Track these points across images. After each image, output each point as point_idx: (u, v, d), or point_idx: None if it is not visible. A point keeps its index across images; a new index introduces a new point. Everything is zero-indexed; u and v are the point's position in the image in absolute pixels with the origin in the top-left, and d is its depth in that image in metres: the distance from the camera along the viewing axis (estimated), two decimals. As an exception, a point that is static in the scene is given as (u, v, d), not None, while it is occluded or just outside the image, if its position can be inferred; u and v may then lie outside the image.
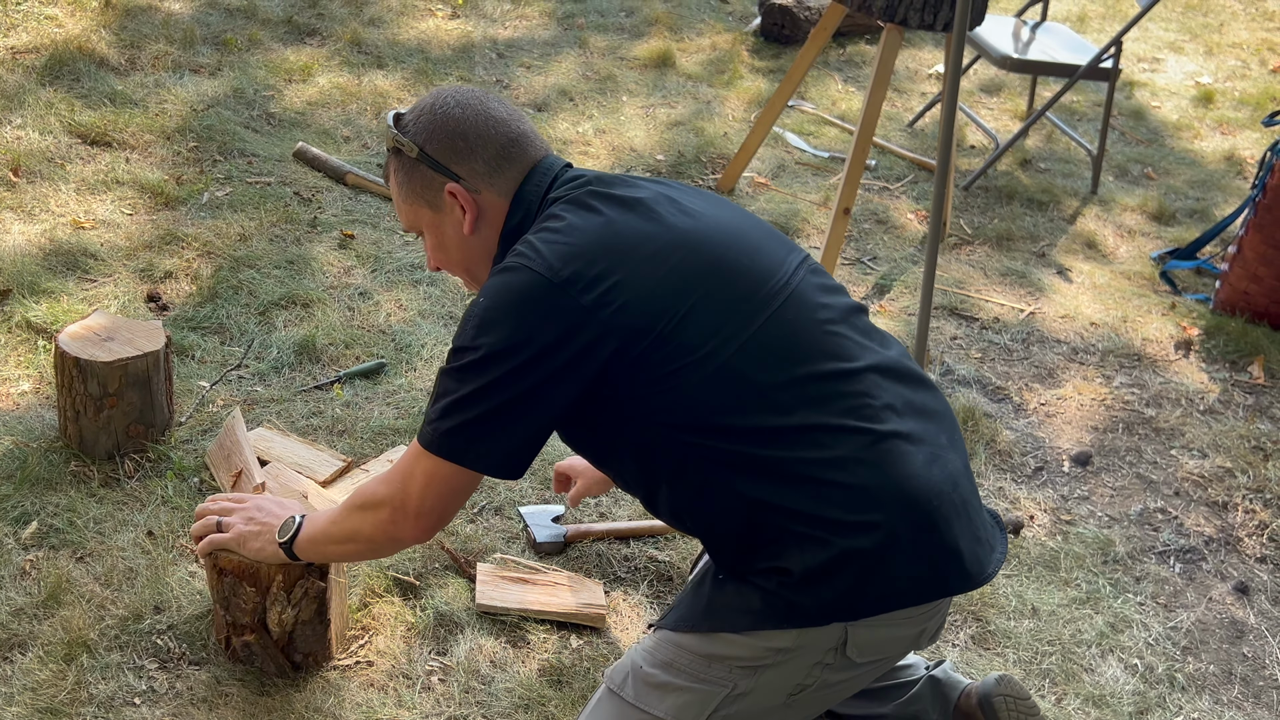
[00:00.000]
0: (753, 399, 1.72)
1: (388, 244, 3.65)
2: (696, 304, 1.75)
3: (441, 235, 1.91)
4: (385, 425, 2.87)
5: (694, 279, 1.76)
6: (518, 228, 1.86)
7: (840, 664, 1.79)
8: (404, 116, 1.90)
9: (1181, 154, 5.30)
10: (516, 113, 1.91)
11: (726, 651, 1.80)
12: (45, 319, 3.00)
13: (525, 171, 1.88)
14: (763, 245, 1.86)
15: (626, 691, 1.88)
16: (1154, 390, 3.53)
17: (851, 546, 1.71)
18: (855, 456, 1.72)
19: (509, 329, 1.70)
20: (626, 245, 1.76)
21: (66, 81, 4.17)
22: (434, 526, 1.82)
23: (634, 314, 1.72)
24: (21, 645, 2.16)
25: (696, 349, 1.72)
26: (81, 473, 2.57)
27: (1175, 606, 2.71)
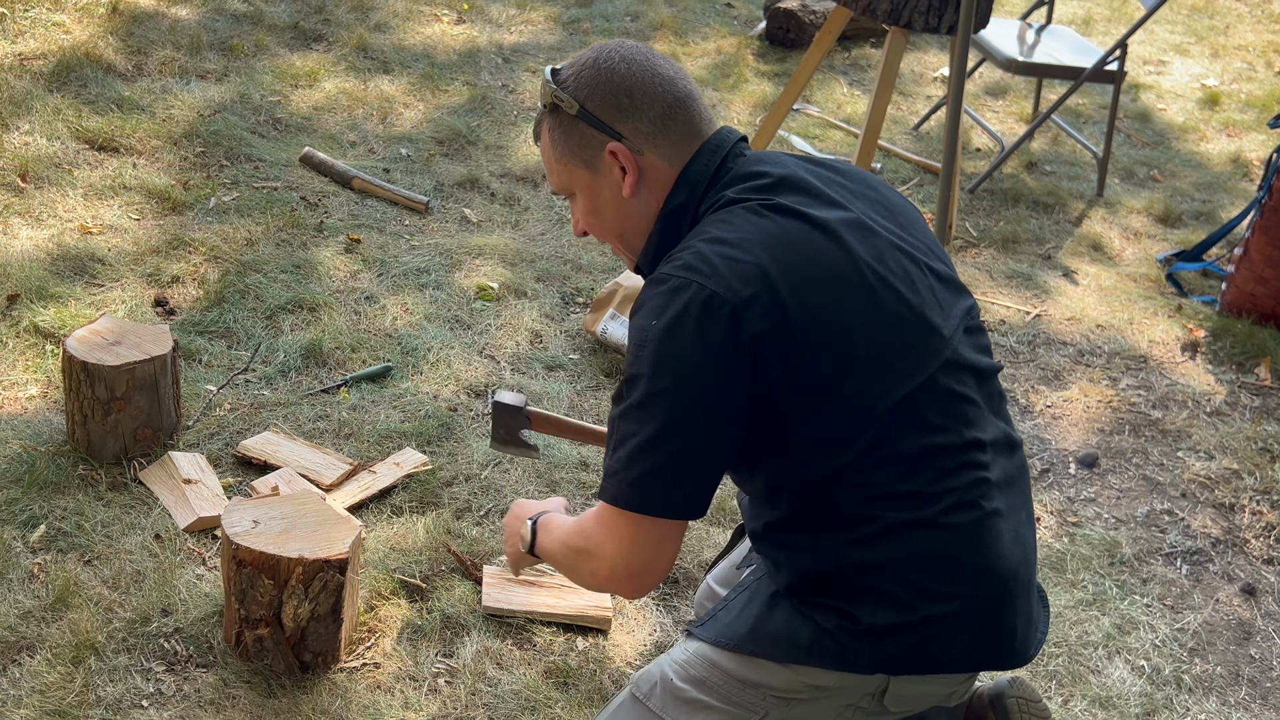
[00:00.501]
0: (890, 460, 1.66)
1: (393, 248, 3.66)
2: (867, 348, 1.65)
3: (597, 198, 1.78)
4: (392, 428, 2.88)
5: (869, 321, 1.66)
6: (680, 209, 1.75)
7: (873, 709, 1.77)
8: (562, 71, 1.77)
9: (1187, 156, 5.29)
10: (683, 72, 1.78)
11: (763, 679, 1.76)
12: (53, 324, 3.01)
13: (693, 141, 1.75)
14: (938, 291, 1.75)
15: (653, 702, 1.85)
16: (1160, 392, 3.52)
17: (926, 615, 1.69)
18: (961, 532, 1.70)
19: (691, 354, 1.59)
20: (809, 271, 1.64)
21: (74, 87, 4.19)
22: (651, 582, 1.70)
23: (809, 348, 1.62)
24: (30, 648, 2.17)
25: (855, 396, 1.64)
26: (89, 476, 2.58)
27: (1182, 608, 2.71)
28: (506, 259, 3.69)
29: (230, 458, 2.72)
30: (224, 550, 2.15)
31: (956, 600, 1.70)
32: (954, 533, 1.70)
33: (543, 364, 3.24)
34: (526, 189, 4.21)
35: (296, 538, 2.15)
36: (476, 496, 2.71)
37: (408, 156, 4.27)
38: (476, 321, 3.38)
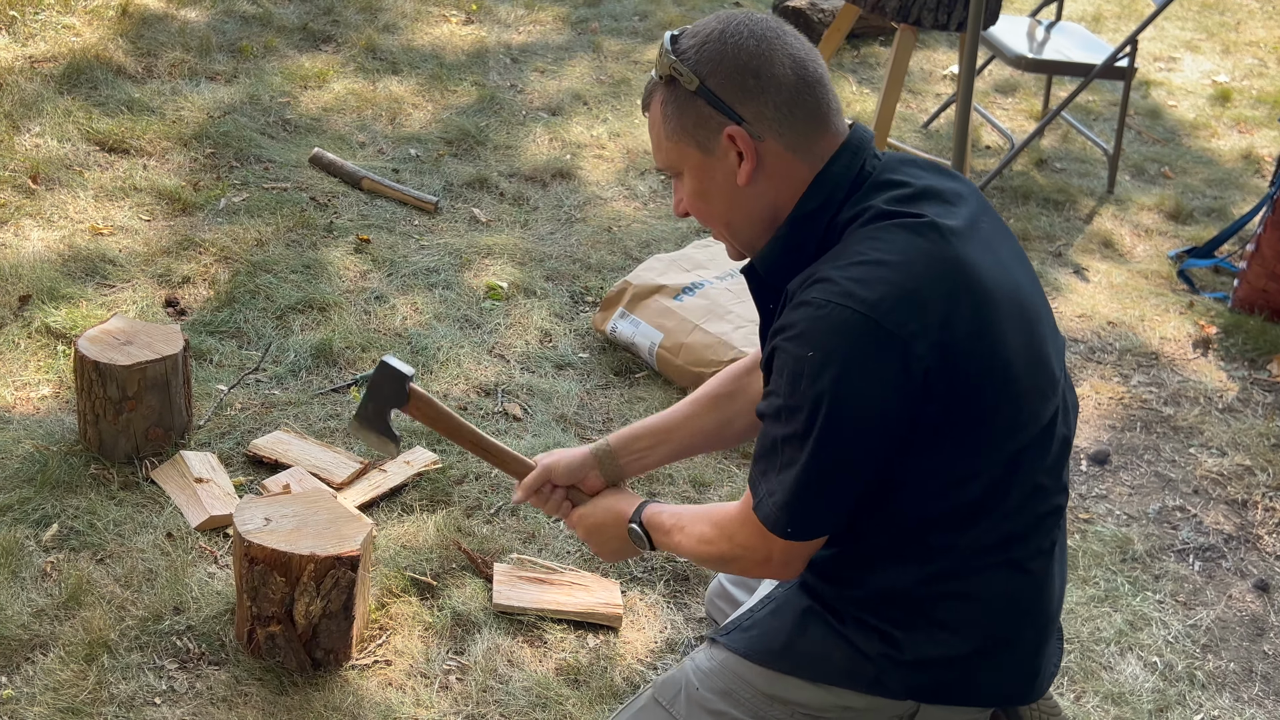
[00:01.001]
0: (1002, 500, 1.62)
1: (403, 248, 3.67)
2: (1022, 379, 1.59)
3: (708, 182, 1.65)
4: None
5: (1020, 350, 1.59)
6: (816, 213, 1.63)
7: None
8: (682, 40, 1.62)
9: (1198, 153, 5.28)
10: (815, 52, 1.63)
11: (792, 696, 1.74)
12: (64, 324, 3.02)
13: (820, 132, 1.62)
14: (1050, 331, 1.70)
15: (677, 709, 1.81)
16: (1172, 389, 3.51)
17: (973, 651, 1.67)
18: (1035, 578, 1.68)
19: (854, 388, 1.51)
20: (971, 297, 1.55)
21: (84, 90, 4.20)
22: (803, 566, 1.69)
23: (973, 379, 1.55)
24: (43, 646, 2.18)
25: (1004, 430, 1.58)
26: (101, 476, 2.59)
27: (1195, 604, 2.70)
28: (516, 258, 3.70)
29: (241, 457, 2.72)
30: (236, 548, 2.16)
31: (1009, 641, 1.68)
32: (1030, 578, 1.67)
33: (552, 363, 3.25)
34: (535, 188, 4.22)
35: (308, 535, 2.16)
36: (487, 494, 2.71)
37: (417, 157, 4.28)
38: (486, 321, 3.38)
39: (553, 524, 2.66)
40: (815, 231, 1.63)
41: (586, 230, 3.96)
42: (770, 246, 1.65)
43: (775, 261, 1.66)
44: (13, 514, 2.45)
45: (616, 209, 4.14)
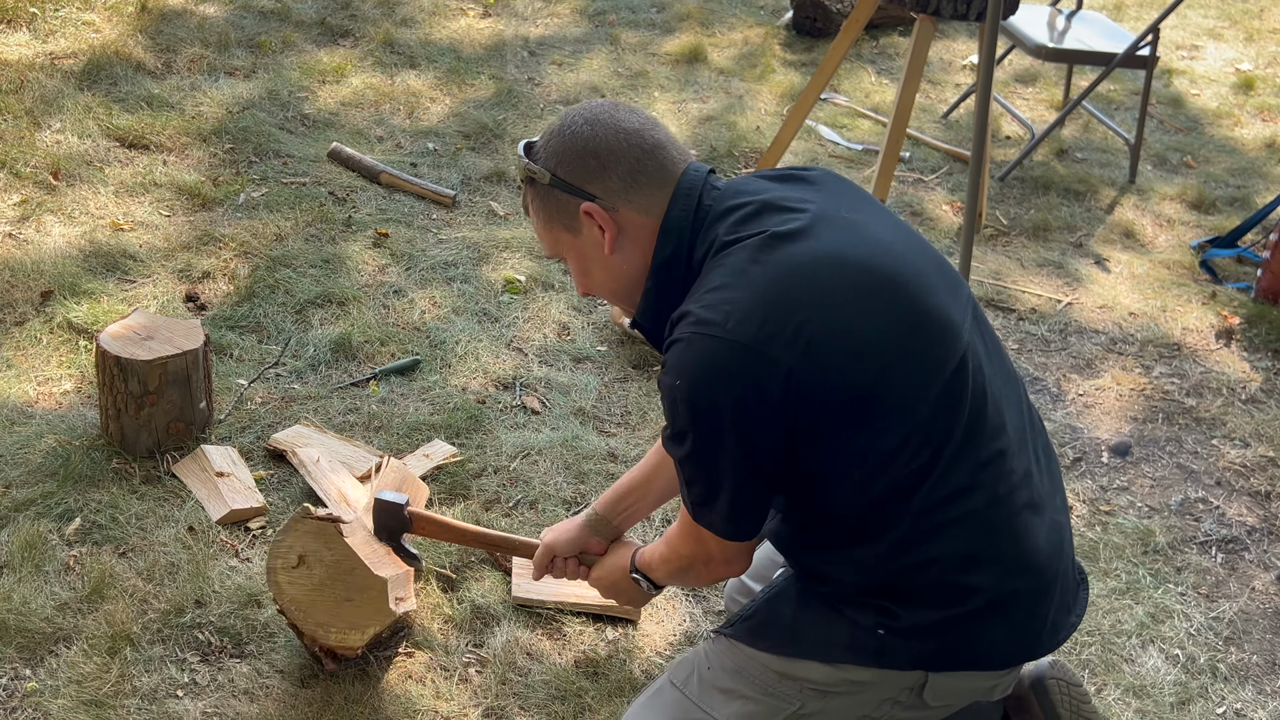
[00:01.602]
0: (934, 459, 1.66)
1: (421, 242, 3.68)
2: (897, 350, 1.66)
3: (584, 259, 1.81)
4: (421, 421, 2.89)
5: (892, 321, 1.66)
6: (671, 261, 1.76)
7: (912, 703, 1.77)
8: (535, 145, 1.81)
9: (1221, 142, 5.23)
10: (650, 121, 1.79)
11: (801, 673, 1.78)
12: (86, 319, 3.04)
13: (667, 189, 1.76)
14: (936, 278, 1.76)
15: (690, 689, 1.86)
16: (1194, 380, 3.49)
17: (964, 612, 1.70)
18: (994, 528, 1.70)
19: (719, 407, 1.62)
20: (817, 290, 1.65)
21: (104, 86, 4.22)
22: (748, 559, 1.82)
23: (840, 368, 1.63)
24: (66, 639, 2.20)
25: (898, 401, 1.64)
26: (123, 470, 2.60)
27: (1217, 597, 2.68)
28: (533, 252, 3.70)
29: (262, 450, 2.74)
30: (271, 582, 2.17)
31: (991, 601, 1.70)
32: (991, 530, 1.70)
33: (570, 356, 3.25)
34: (553, 182, 4.21)
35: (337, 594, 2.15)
36: (505, 488, 2.72)
37: (434, 151, 4.28)
38: (504, 314, 3.39)
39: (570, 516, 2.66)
40: (677, 276, 1.76)
41: (604, 223, 3.96)
42: (644, 301, 1.80)
43: (651, 312, 1.80)
44: (36, 508, 2.47)
45: (634, 202, 4.13)
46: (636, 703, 1.96)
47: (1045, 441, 1.86)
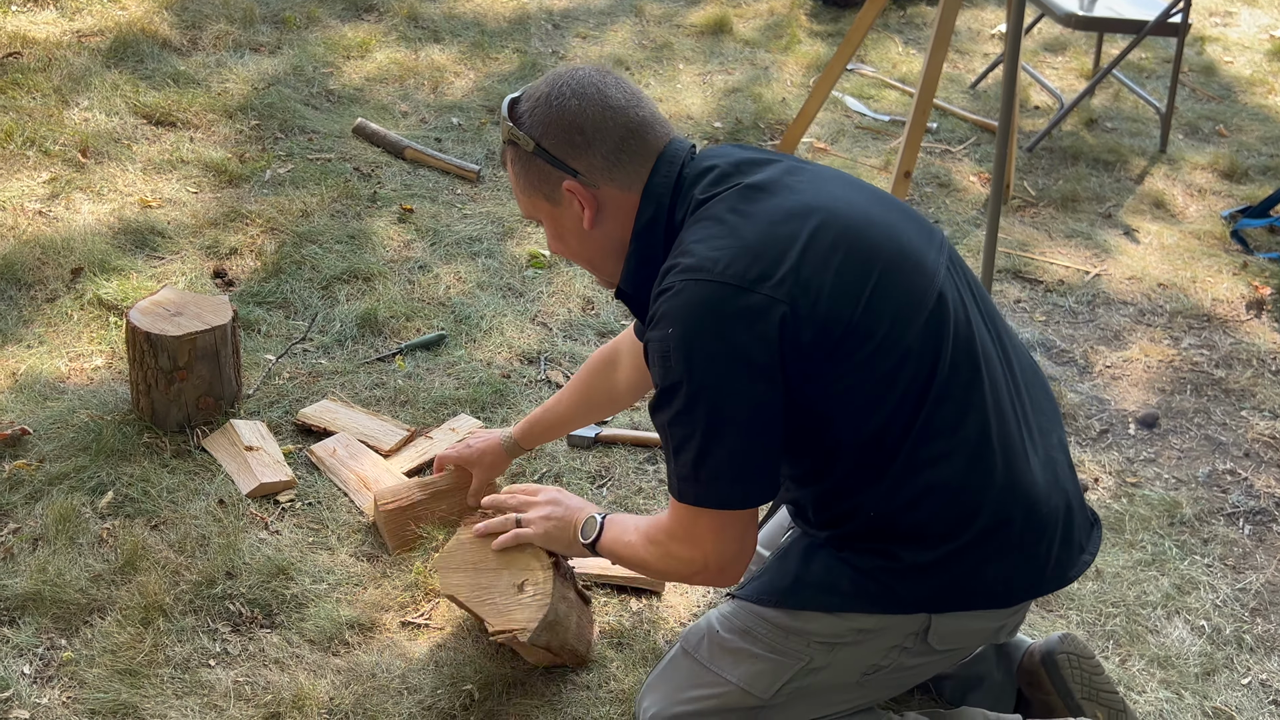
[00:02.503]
0: (923, 392, 1.69)
1: (446, 217, 3.69)
2: (885, 284, 1.68)
3: (560, 228, 1.83)
4: (447, 395, 2.91)
5: (869, 264, 1.69)
6: (651, 223, 1.77)
7: (919, 649, 1.80)
8: (519, 105, 1.80)
9: (1254, 110, 5.16)
10: (635, 95, 1.79)
11: (807, 627, 1.80)
12: (116, 296, 3.08)
13: (650, 161, 1.77)
14: (907, 227, 1.79)
15: (701, 653, 1.90)
16: (1224, 351, 3.46)
17: (960, 546, 1.72)
18: (985, 459, 1.73)
19: (717, 348, 1.62)
20: (798, 235, 1.67)
21: (131, 63, 4.25)
22: (741, 569, 1.78)
23: (827, 302, 1.64)
24: (100, 610, 2.23)
25: (887, 335, 1.66)
26: (154, 444, 2.64)
27: (1244, 568, 2.67)
28: (559, 226, 3.70)
29: (290, 425, 2.77)
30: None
31: (987, 536, 1.72)
32: (983, 461, 1.73)
33: (595, 330, 3.26)
34: (578, 155, 4.21)
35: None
36: (530, 461, 2.74)
37: (459, 125, 4.29)
38: (529, 289, 3.40)
39: (595, 490, 2.68)
40: (657, 239, 1.77)
41: (629, 197, 3.96)
42: (626, 265, 1.80)
43: (633, 276, 1.81)
44: (69, 482, 2.51)
45: (659, 175, 4.13)
46: (653, 673, 1.99)
47: (1041, 381, 1.90)
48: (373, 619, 2.28)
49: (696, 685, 1.91)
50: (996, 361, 1.78)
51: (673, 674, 1.94)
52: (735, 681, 1.86)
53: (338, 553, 2.42)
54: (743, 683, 1.85)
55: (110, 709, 2.04)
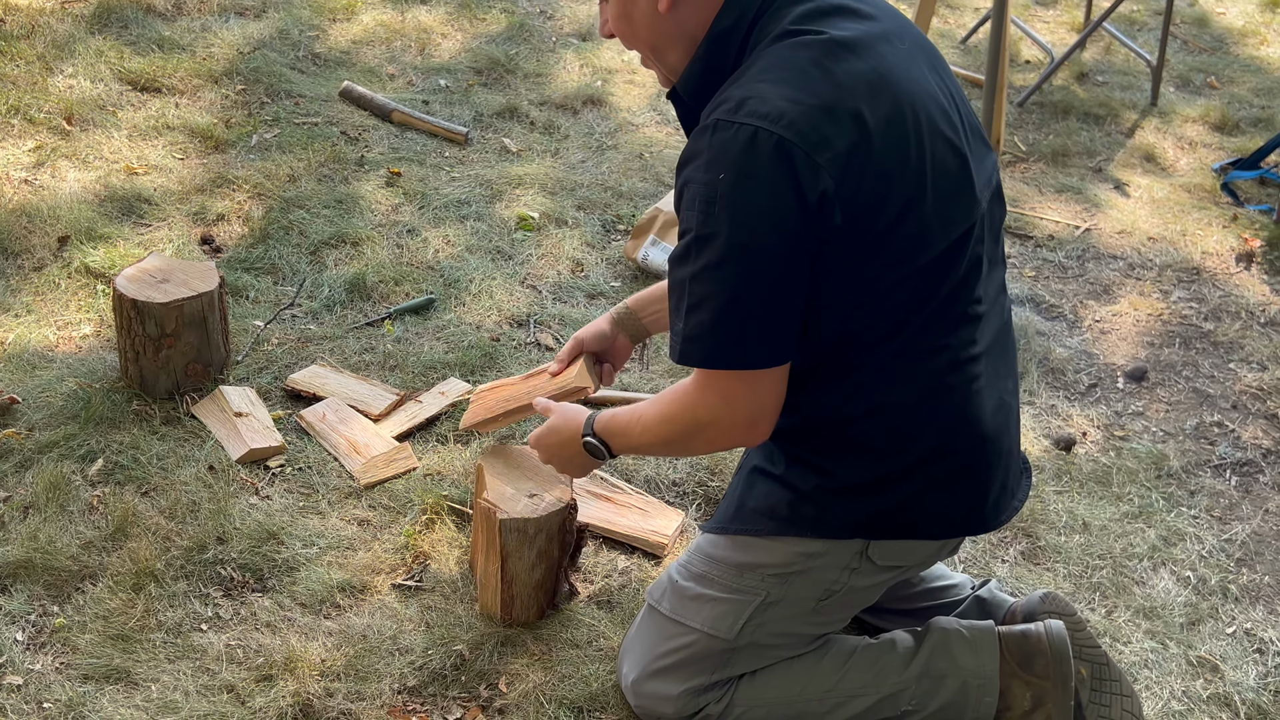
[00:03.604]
0: (915, 311, 1.68)
1: (434, 180, 3.68)
2: (930, 195, 1.63)
3: (632, 6, 1.68)
4: (436, 359, 2.92)
5: (931, 168, 1.63)
6: (728, 32, 1.64)
7: (865, 569, 1.83)
8: None
9: (1246, 61, 5.13)
10: None
11: (758, 559, 1.84)
12: (103, 264, 3.07)
13: None
14: (973, 142, 1.73)
15: (665, 606, 1.94)
16: (1213, 304, 3.46)
17: (900, 472, 1.73)
18: (947, 390, 1.74)
19: (767, 204, 1.53)
20: (869, 113, 1.58)
21: (115, 29, 4.22)
22: (770, 425, 1.68)
23: (867, 196, 1.58)
24: (92, 576, 2.25)
25: (910, 243, 1.63)
26: (143, 411, 2.64)
27: (1230, 519, 2.69)
28: (547, 188, 3.69)
29: (279, 391, 2.77)
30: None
31: (928, 465, 1.74)
32: (947, 388, 1.74)
33: (584, 292, 3.26)
34: (566, 116, 4.19)
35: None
36: (521, 425, 2.74)
37: (446, 88, 4.27)
38: (518, 251, 3.39)
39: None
40: (730, 50, 1.65)
41: (618, 158, 3.94)
42: (690, 68, 1.67)
43: (695, 83, 1.69)
44: (59, 450, 2.51)
45: (648, 135, 4.12)
46: (627, 636, 2.04)
47: (1010, 326, 1.90)
48: (364, 582, 2.29)
49: (666, 639, 1.95)
50: (986, 305, 1.78)
51: (644, 633, 1.98)
52: (700, 627, 1.90)
53: (328, 517, 2.44)
54: (707, 627, 1.89)
55: (103, 674, 2.06)
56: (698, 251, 1.57)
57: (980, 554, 2.50)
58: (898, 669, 1.93)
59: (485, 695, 2.10)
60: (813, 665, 1.95)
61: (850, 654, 1.96)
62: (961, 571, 2.45)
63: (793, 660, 1.96)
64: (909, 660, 1.93)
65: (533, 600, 2.21)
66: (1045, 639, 1.93)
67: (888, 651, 1.96)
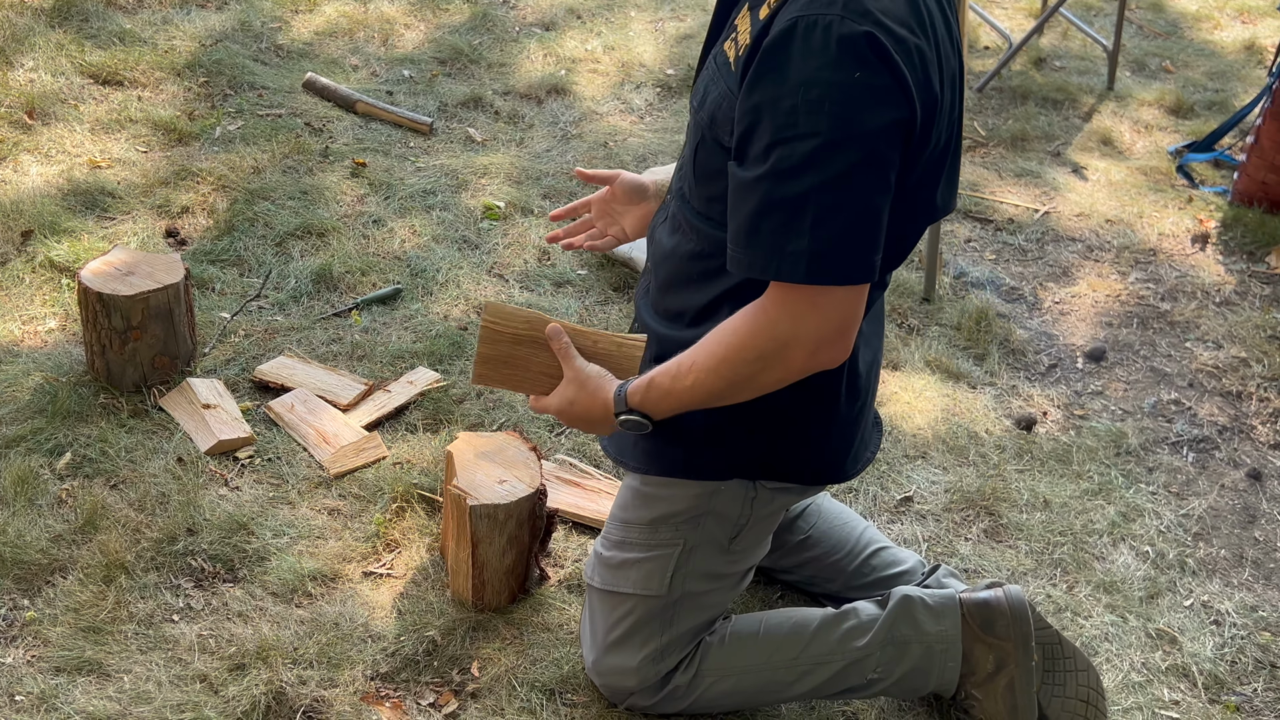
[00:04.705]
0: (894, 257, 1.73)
1: (399, 171, 3.68)
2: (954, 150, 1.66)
3: None
4: (404, 349, 2.93)
5: (957, 97, 1.65)
6: None
7: (763, 496, 1.89)
8: None
9: (1200, 45, 5.21)
10: None
11: (665, 511, 1.89)
12: (67, 258, 3.06)
13: None
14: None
15: (597, 580, 2.00)
16: (1169, 284, 3.52)
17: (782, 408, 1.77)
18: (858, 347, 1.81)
19: (859, 101, 1.43)
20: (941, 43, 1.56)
21: (75, 22, 4.19)
22: (848, 347, 1.59)
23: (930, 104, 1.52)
24: (62, 569, 2.25)
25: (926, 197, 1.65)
26: (111, 405, 2.64)
27: (1188, 495, 2.75)
28: (512, 177, 3.71)
29: (247, 382, 2.78)
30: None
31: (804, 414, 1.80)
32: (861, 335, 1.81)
33: (551, 281, 3.27)
34: (530, 106, 4.21)
35: None
36: (489, 412, 2.76)
37: (410, 78, 4.27)
38: (484, 241, 3.40)
39: (554, 436, 2.71)
40: None
41: (583, 146, 3.96)
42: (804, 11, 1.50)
43: None
44: (26, 444, 2.51)
45: (612, 123, 4.14)
46: (581, 625, 2.08)
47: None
48: (335, 570, 2.31)
49: (609, 612, 1.99)
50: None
51: (589, 614, 2.04)
52: (634, 590, 1.94)
53: (298, 507, 2.45)
54: (639, 589, 1.94)
55: (75, 665, 2.07)
56: (827, 158, 1.44)
57: (944, 533, 2.55)
58: (862, 636, 1.97)
59: (458, 680, 2.12)
60: (779, 634, 1.99)
61: (816, 623, 2.00)
62: (925, 551, 2.49)
63: (759, 630, 2.00)
64: (873, 627, 1.97)
65: (504, 585, 2.24)
66: (1005, 601, 1.98)
67: (852, 619, 2.00)
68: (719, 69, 1.62)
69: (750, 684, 1.98)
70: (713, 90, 1.62)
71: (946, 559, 2.47)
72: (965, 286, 3.43)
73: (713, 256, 1.71)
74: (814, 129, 1.44)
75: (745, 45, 1.52)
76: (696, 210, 1.73)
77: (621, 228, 2.13)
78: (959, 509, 2.61)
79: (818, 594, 2.28)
